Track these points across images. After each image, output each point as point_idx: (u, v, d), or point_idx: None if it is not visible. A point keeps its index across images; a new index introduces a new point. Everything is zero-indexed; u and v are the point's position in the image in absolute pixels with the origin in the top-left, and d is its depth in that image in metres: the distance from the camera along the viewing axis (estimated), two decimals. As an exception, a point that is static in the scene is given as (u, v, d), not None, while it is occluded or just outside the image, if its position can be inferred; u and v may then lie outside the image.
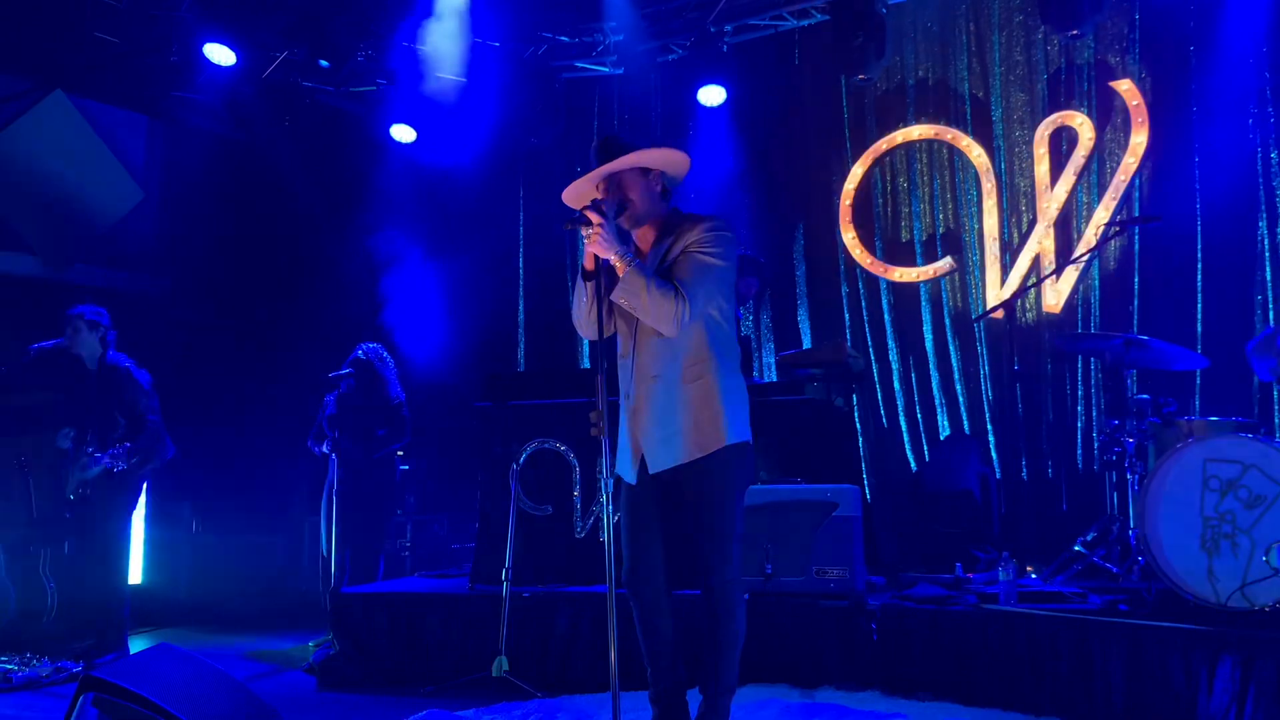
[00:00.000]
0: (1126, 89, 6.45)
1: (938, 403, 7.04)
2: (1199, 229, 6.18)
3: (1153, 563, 4.03)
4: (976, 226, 6.95)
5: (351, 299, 7.77)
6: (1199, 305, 6.15)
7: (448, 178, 8.09)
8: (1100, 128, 6.56)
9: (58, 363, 5.52)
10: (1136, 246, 6.42)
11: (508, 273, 8.51)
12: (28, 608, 5.66)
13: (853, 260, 7.34)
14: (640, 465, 3.32)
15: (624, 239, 3.22)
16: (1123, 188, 6.43)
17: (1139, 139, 6.39)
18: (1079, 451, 6.53)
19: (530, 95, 7.78)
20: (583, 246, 3.22)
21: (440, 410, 7.65)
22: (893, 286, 7.23)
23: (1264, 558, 3.75)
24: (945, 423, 7.01)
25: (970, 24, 7.07)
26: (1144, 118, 6.39)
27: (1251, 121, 6.11)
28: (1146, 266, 6.40)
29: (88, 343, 5.52)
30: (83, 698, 2.92)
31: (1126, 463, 4.73)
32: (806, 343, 7.42)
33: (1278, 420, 5.78)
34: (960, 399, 6.94)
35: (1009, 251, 6.84)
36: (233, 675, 3.27)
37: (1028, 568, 5.23)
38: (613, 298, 3.22)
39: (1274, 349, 4.44)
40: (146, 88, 7.58)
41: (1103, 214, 6.45)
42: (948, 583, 4.83)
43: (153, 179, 8.00)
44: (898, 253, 7.24)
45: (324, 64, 7.28)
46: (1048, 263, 6.61)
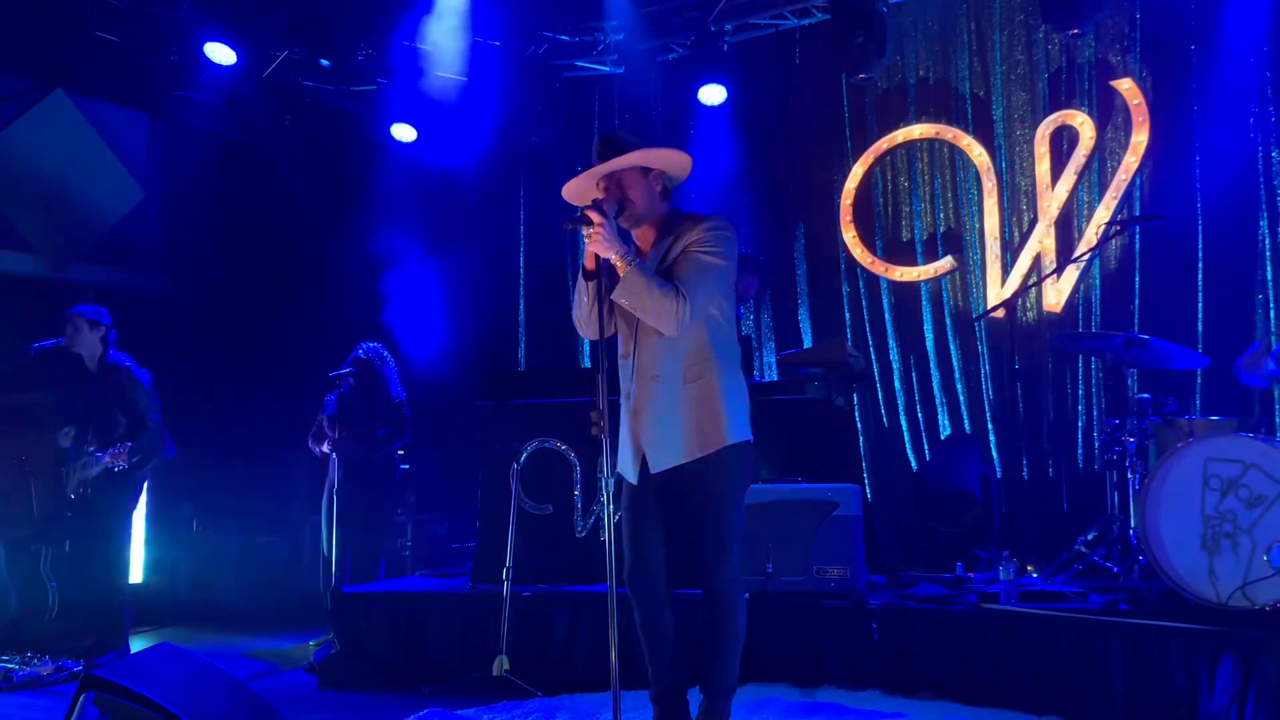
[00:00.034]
0: (1127, 88, 6.45)
1: (938, 402, 7.03)
2: (1200, 228, 6.18)
3: (1153, 562, 4.03)
4: (977, 226, 6.95)
5: (352, 298, 7.77)
6: (1200, 304, 6.15)
7: (448, 177, 8.09)
8: (1101, 127, 6.55)
9: (58, 362, 5.52)
10: (1137, 246, 6.42)
11: (508, 272, 8.50)
12: (28, 607, 5.65)
13: (853, 259, 7.33)
14: (641, 464, 3.31)
15: (625, 239, 3.21)
16: (1123, 187, 6.43)
17: (1140, 138, 6.39)
18: (1080, 451, 6.53)
19: (530, 94, 7.79)
20: (583, 246, 3.21)
21: (441, 410, 7.64)
22: (893, 286, 7.23)
23: (1264, 557, 3.76)
24: (946, 422, 7.01)
25: (971, 23, 7.07)
26: (1145, 117, 6.39)
27: (1252, 121, 6.10)
28: (1147, 266, 6.40)
29: (88, 342, 5.51)
30: (83, 697, 2.91)
31: (1127, 462, 4.73)
32: (807, 342, 7.42)
33: (1278, 420, 5.78)
34: (961, 398, 6.94)
35: (1010, 251, 6.83)
36: (233, 674, 3.27)
37: (1028, 567, 5.22)
38: (613, 297, 3.22)
39: (1262, 366, 4.46)
40: (147, 87, 7.57)
41: (1103, 213, 6.45)
42: (948, 582, 4.83)
43: (153, 178, 8.00)
44: (898, 252, 7.24)
45: (324, 63, 7.30)
46: (1048, 262, 6.61)
